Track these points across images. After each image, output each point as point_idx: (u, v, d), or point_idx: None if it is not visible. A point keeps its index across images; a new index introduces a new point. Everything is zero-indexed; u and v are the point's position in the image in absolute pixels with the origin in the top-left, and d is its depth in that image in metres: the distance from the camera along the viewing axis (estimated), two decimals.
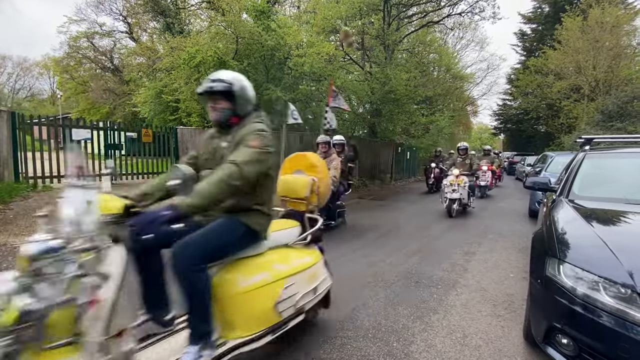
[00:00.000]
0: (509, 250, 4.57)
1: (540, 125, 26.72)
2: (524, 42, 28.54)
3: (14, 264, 3.51)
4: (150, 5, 17.74)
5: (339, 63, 12.08)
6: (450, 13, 15.55)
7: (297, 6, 17.73)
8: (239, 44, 10.02)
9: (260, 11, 10.58)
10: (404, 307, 2.80)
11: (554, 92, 18.40)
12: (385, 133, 14.76)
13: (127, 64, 18.73)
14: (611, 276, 1.64)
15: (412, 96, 14.01)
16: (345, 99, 13.50)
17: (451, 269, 3.76)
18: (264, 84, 10.29)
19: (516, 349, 2.25)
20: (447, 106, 24.04)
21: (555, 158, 8.23)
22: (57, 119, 15.79)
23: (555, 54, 18.25)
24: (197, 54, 9.38)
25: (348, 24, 13.22)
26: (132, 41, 20.25)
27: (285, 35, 9.91)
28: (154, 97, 12.90)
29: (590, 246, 1.90)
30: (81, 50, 20.17)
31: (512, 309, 2.81)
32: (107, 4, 19.57)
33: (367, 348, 2.19)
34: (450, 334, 2.40)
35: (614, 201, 2.59)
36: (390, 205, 8.57)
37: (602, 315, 1.57)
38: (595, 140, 3.77)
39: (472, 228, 5.94)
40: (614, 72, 16.21)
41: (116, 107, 19.54)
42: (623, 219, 2.31)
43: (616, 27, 16.20)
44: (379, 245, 4.65)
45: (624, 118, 13.55)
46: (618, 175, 3.09)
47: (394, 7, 13.71)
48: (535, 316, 2.05)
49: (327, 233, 5.26)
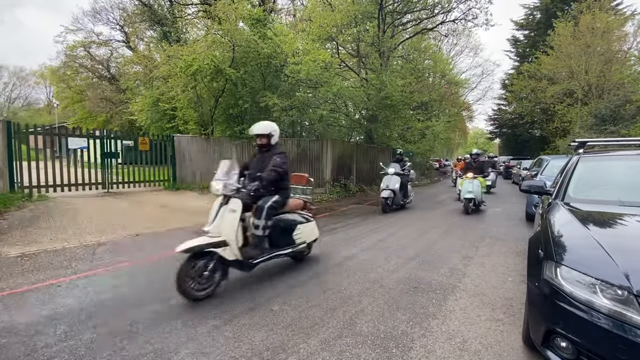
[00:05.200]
0: (507, 254, 4.57)
1: (535, 129, 26.99)
2: (517, 48, 28.96)
3: (7, 275, 3.47)
4: (147, 15, 17.86)
5: (335, 70, 12.17)
6: (444, 20, 15.75)
7: (293, 14, 17.92)
8: (235, 52, 10.09)
9: (257, 19, 10.69)
10: (402, 312, 2.79)
11: (547, 96, 18.61)
12: (381, 139, 14.83)
13: (124, 73, 18.78)
14: (608, 278, 1.64)
15: (407, 102, 14.13)
16: (341, 105, 13.62)
17: (450, 274, 3.75)
18: (261, 91, 10.34)
19: (515, 353, 2.24)
20: (442, 111, 24.26)
21: (550, 161, 8.29)
22: (53, 128, 15.74)
23: (548, 59, 18.52)
24: (194, 62, 9.43)
25: (343, 31, 13.37)
26: (129, 50, 20.32)
27: (282, 43, 9.99)
28: (150, 105, 12.91)
29: (586, 249, 1.91)
30: (78, 60, 20.21)
31: (510, 313, 2.81)
32: (104, 13, 19.70)
33: (366, 355, 2.18)
34: (450, 339, 2.39)
35: (609, 203, 2.62)
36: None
37: (600, 317, 1.58)
38: (589, 143, 3.81)
39: (470, 232, 5.94)
40: (606, 77, 16.44)
41: (113, 115, 19.54)
42: (618, 221, 2.33)
43: (607, 32, 16.47)
44: (376, 250, 4.64)
45: (616, 121, 13.72)
46: (612, 177, 3.11)
47: (388, 14, 13.90)
48: (533, 320, 2.05)
49: (324, 240, 5.25)
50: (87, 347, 2.21)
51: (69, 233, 5.13)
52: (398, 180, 8.06)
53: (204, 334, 2.40)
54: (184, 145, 11.32)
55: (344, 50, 15.07)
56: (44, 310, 2.71)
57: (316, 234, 4.14)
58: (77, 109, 22.45)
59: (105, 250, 4.44)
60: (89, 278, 3.48)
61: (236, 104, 10.56)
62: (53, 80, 24.53)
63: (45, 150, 8.20)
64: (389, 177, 8.11)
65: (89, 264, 3.91)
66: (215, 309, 2.78)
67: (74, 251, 4.35)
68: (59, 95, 25.52)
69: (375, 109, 12.77)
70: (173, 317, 2.64)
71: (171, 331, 2.43)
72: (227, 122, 11.35)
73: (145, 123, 13.74)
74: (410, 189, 9.11)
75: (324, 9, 13.39)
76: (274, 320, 2.63)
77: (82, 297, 2.99)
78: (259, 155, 3.69)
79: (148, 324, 2.53)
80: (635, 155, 3.32)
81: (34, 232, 5.05)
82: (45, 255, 4.16)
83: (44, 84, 40.69)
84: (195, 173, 11.24)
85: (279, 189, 3.49)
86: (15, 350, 2.15)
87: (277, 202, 3.42)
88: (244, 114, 11.00)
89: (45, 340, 2.28)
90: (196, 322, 2.56)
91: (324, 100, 10.85)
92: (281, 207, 3.55)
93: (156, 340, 2.31)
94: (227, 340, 2.33)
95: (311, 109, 10.87)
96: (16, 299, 2.92)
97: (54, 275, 3.51)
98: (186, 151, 11.26)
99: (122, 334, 2.38)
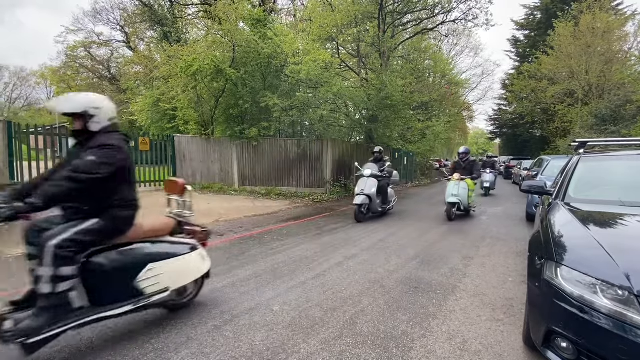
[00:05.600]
0: (507, 255, 4.57)
1: (536, 129, 26.97)
2: (518, 48, 28.96)
3: (8, 275, 3.47)
4: (147, 15, 17.88)
5: (335, 70, 12.18)
6: (444, 20, 15.77)
7: (293, 15, 17.93)
8: (235, 52, 10.10)
9: (257, 20, 10.69)
10: (403, 312, 2.79)
11: (548, 96, 18.61)
12: (382, 139, 14.82)
13: (124, 73, 18.82)
14: (608, 278, 1.64)
15: (408, 102, 14.13)
16: (342, 105, 13.62)
17: (450, 274, 3.75)
18: (261, 92, 10.34)
19: (516, 353, 2.24)
20: (443, 111, 24.25)
21: (551, 162, 8.28)
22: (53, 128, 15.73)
23: (548, 60, 18.51)
24: (194, 63, 9.44)
25: (344, 32, 13.38)
26: (130, 50, 20.36)
27: (282, 43, 10.00)
28: (151, 105, 12.93)
29: (587, 249, 1.90)
30: (78, 60, 20.27)
31: (511, 313, 2.81)
32: (105, 14, 19.75)
33: (367, 355, 2.18)
34: (450, 340, 2.39)
35: (609, 203, 2.61)
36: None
37: (600, 318, 1.57)
38: (590, 143, 3.81)
39: (470, 232, 5.94)
40: (607, 77, 16.43)
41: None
42: (619, 221, 2.32)
43: (607, 32, 16.46)
44: (377, 251, 4.64)
45: (617, 121, 13.71)
46: (613, 177, 3.11)
47: (388, 15, 13.90)
48: (534, 320, 2.04)
49: (324, 241, 5.25)
50: (87, 347, 2.21)
51: None
52: (375, 184, 6.83)
53: (204, 333, 2.40)
54: (184, 146, 11.33)
55: (344, 51, 15.07)
56: None
57: (203, 268, 2.70)
58: None
59: None
60: None
61: (236, 104, 10.57)
62: (54, 81, 24.57)
63: (45, 151, 8.21)
64: (365, 179, 6.88)
65: None
66: (215, 309, 2.78)
67: None
68: (59, 95, 25.55)
69: (376, 109, 12.77)
70: (173, 317, 2.64)
71: (171, 331, 2.43)
72: (228, 123, 11.36)
73: (145, 123, 13.76)
74: (392, 193, 7.95)
75: (324, 9, 13.40)
76: (274, 320, 2.63)
77: None
78: (76, 149, 2.23)
79: (148, 324, 2.53)
80: (636, 156, 3.32)
81: None
82: None
83: (45, 84, 40.70)
84: (195, 173, 11.25)
85: (105, 207, 2.14)
86: (15, 350, 2.14)
87: (93, 231, 2.06)
88: (245, 114, 11.01)
89: None
90: (196, 322, 2.56)
91: (324, 100, 10.84)
92: (107, 237, 2.17)
93: (156, 340, 2.31)
94: (227, 340, 2.33)
95: (311, 109, 10.87)
96: None
97: None
98: (186, 151, 11.27)
99: (123, 333, 2.38)
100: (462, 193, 6.97)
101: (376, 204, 6.99)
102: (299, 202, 9.36)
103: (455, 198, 6.86)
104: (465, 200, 7.05)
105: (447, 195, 7.03)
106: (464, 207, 7.14)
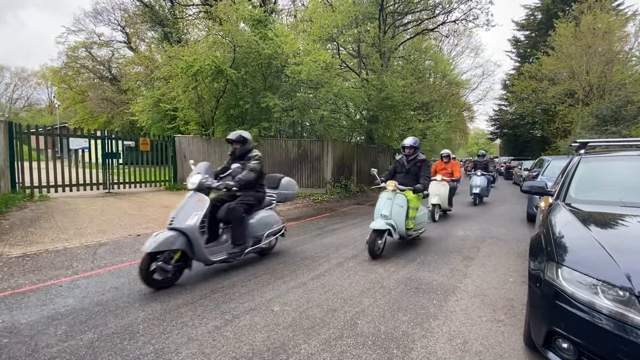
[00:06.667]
0: (508, 255, 4.56)
1: (536, 129, 26.96)
2: (518, 48, 28.96)
3: (9, 275, 3.47)
4: (148, 16, 17.92)
5: (336, 70, 12.18)
6: (444, 21, 15.77)
7: (293, 15, 17.94)
8: (236, 52, 10.11)
9: (258, 20, 10.70)
10: (403, 313, 2.78)
11: (548, 97, 18.59)
12: (382, 139, 14.84)
13: (125, 73, 18.83)
14: (609, 279, 1.63)
15: (408, 102, 14.13)
16: (342, 105, 13.63)
17: (450, 274, 3.75)
18: (262, 92, 10.35)
19: (517, 354, 2.23)
20: (443, 112, 24.26)
21: (551, 162, 8.26)
22: (54, 128, 15.78)
23: (549, 60, 18.49)
24: (195, 63, 9.45)
25: (344, 32, 13.39)
26: (130, 51, 20.38)
27: (283, 43, 10.01)
28: (151, 105, 12.94)
29: (587, 249, 1.90)
30: (79, 60, 20.28)
31: (512, 314, 2.80)
32: (105, 14, 19.78)
33: (367, 355, 2.18)
34: (451, 340, 2.38)
35: (610, 204, 2.61)
36: None
37: (601, 318, 1.57)
38: (590, 144, 3.80)
39: (471, 233, 5.94)
40: (607, 77, 16.41)
41: (114, 116, 19.59)
42: (620, 222, 2.32)
43: (608, 33, 16.45)
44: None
45: (618, 122, 13.70)
46: (613, 178, 3.11)
47: (389, 15, 13.91)
48: (535, 321, 2.04)
49: (324, 241, 5.25)
50: (88, 347, 2.22)
51: (70, 233, 5.14)
52: None
53: (204, 334, 2.40)
54: (184, 146, 11.34)
55: (344, 51, 15.08)
56: (45, 310, 2.71)
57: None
58: (79, 109, 22.52)
59: (107, 251, 4.45)
60: (90, 278, 3.48)
61: (237, 105, 10.58)
62: (54, 81, 24.60)
63: (46, 151, 8.23)
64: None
65: (90, 264, 3.92)
66: (215, 309, 2.79)
67: (75, 251, 4.36)
68: (60, 95, 25.60)
69: (376, 109, 12.78)
70: (174, 317, 2.64)
71: (172, 331, 2.43)
72: (228, 123, 11.37)
73: (146, 123, 13.78)
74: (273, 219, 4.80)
75: (324, 10, 13.41)
76: (275, 320, 2.63)
77: (84, 297, 3.00)
78: None
79: (148, 323, 2.53)
80: (637, 156, 3.31)
81: (36, 232, 5.06)
82: (47, 255, 4.16)
83: (46, 85, 40.81)
84: None
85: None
86: (17, 351, 2.15)
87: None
88: (245, 115, 11.02)
89: (46, 340, 2.28)
90: (197, 323, 2.56)
91: (324, 100, 10.85)
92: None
93: (157, 340, 2.31)
94: (227, 340, 2.33)
95: (312, 110, 10.88)
96: (18, 299, 2.92)
97: (55, 275, 3.52)
98: (187, 151, 11.27)
99: (123, 334, 2.38)
100: (397, 212, 4.42)
101: None
102: (299, 202, 9.36)
103: (382, 221, 4.25)
104: (401, 222, 4.44)
105: (375, 214, 4.54)
106: (399, 234, 4.45)
